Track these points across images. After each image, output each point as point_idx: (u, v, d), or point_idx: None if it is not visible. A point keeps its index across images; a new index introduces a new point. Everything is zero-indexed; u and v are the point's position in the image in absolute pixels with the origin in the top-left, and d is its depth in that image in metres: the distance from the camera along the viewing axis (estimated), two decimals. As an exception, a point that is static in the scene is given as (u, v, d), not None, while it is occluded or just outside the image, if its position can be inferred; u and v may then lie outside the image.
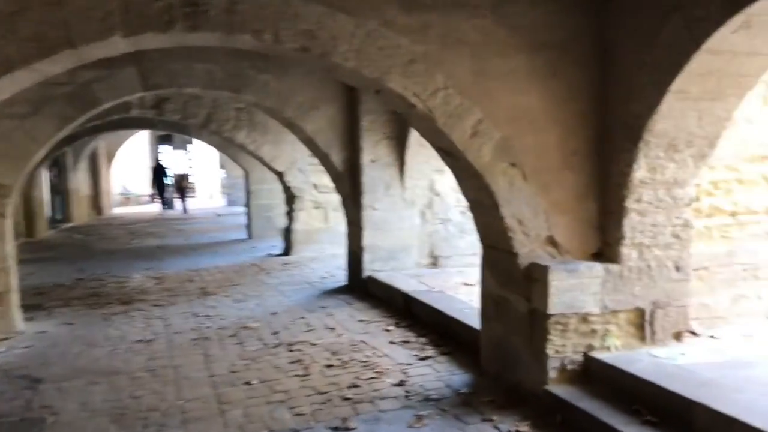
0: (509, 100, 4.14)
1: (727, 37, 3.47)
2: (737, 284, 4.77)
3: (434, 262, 8.14)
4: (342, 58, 3.95)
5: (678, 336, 4.38)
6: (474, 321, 5.23)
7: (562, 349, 4.18)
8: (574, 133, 4.24)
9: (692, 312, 4.48)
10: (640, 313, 4.31)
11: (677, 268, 4.36)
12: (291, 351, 5.77)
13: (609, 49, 4.20)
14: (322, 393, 4.70)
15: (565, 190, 4.28)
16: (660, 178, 4.16)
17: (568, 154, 4.26)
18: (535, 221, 4.26)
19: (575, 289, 4.16)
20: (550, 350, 4.17)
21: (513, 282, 4.42)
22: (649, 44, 3.87)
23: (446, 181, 7.98)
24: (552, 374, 4.18)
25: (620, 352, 4.22)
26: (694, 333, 4.51)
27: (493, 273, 4.66)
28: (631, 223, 4.21)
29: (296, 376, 5.11)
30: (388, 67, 3.99)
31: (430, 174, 8.02)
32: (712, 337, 4.53)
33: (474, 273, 7.26)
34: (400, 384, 4.78)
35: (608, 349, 4.23)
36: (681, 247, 4.36)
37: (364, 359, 5.39)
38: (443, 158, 4.58)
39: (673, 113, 3.91)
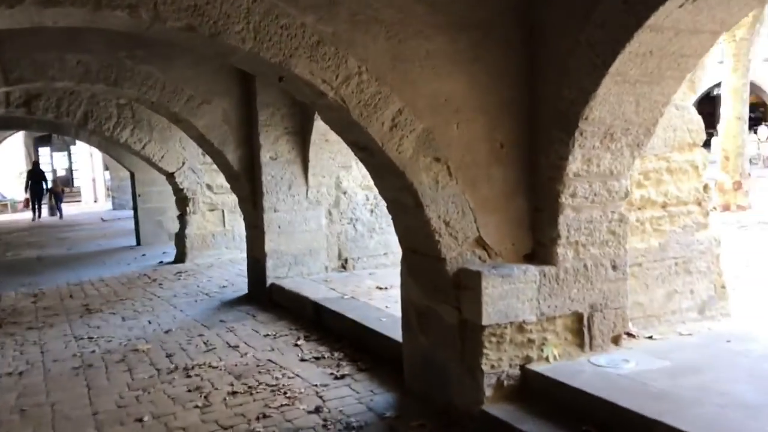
0: (432, 87, 3.65)
1: (672, 12, 3.13)
2: (670, 280, 4.51)
3: (344, 264, 7.60)
4: (237, 39, 3.34)
5: (616, 340, 4.06)
6: (394, 332, 4.75)
7: (498, 363, 3.75)
8: (502, 123, 3.82)
9: (629, 312, 4.17)
10: (578, 317, 3.95)
11: (614, 267, 4.03)
12: (188, 377, 5.08)
13: (538, 29, 3.79)
14: (227, 428, 4.08)
15: (494, 186, 3.85)
16: (595, 170, 3.81)
17: (497, 147, 3.83)
18: (463, 222, 3.81)
19: (510, 295, 3.74)
20: (484, 365, 3.73)
21: (440, 290, 3.96)
22: (583, 22, 3.47)
23: (354, 177, 7.47)
24: (488, 392, 3.74)
25: (559, 362, 3.84)
26: (631, 335, 4.21)
27: (417, 281, 4.18)
28: (566, 220, 3.84)
29: (196, 407, 4.45)
30: (293, 49, 3.42)
31: (336, 171, 7.48)
32: (650, 338, 4.25)
33: (387, 275, 6.82)
34: (317, 411, 4.22)
35: (547, 359, 3.84)
36: (617, 243, 4.03)
37: (273, 382, 4.79)
38: (358, 154, 4.05)
39: (610, 98, 3.55)
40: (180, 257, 10.56)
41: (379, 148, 3.65)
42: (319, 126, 6.88)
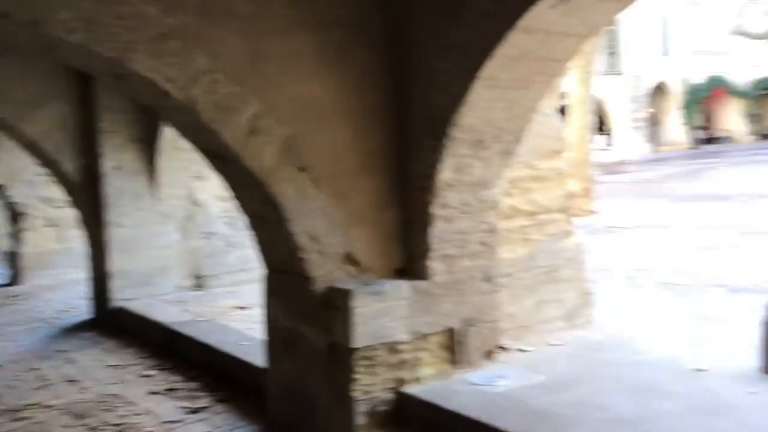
0: (295, 90, 3.33)
1: (544, 12, 3.01)
2: (539, 289, 4.46)
3: (199, 283, 7.05)
4: (64, 29, 2.84)
5: (490, 355, 3.91)
6: (256, 357, 4.35)
7: (371, 388, 3.47)
8: (371, 129, 3.56)
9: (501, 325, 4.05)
10: (451, 333, 3.76)
11: (486, 279, 3.89)
12: (17, 420, 4.40)
13: (406, 29, 3.57)
14: (62, 481, 3.52)
15: (363, 197, 3.58)
16: (467, 178, 3.64)
17: (366, 155, 3.57)
18: (331, 236, 3.51)
19: (382, 314, 3.48)
20: (356, 391, 3.44)
21: (307, 312, 3.63)
22: (453, 23, 3.31)
23: (209, 188, 6.96)
24: (360, 420, 3.45)
25: (434, 382, 3.63)
26: (503, 348, 4.09)
27: (282, 302, 3.82)
28: (437, 232, 3.64)
29: (24, 458, 3.84)
30: (132, 43, 2.97)
31: (188, 182, 6.93)
32: (521, 350, 4.15)
33: (248, 292, 6.37)
34: (170, 452, 3.75)
35: (420, 381, 3.61)
36: (488, 255, 3.89)
37: (118, 421, 4.24)
38: (213, 164, 3.64)
39: (482, 104, 3.40)
40: (14, 279, 9.51)
41: (236, 156, 3.27)
42: (169, 132, 6.33)
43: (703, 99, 35.75)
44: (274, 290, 3.89)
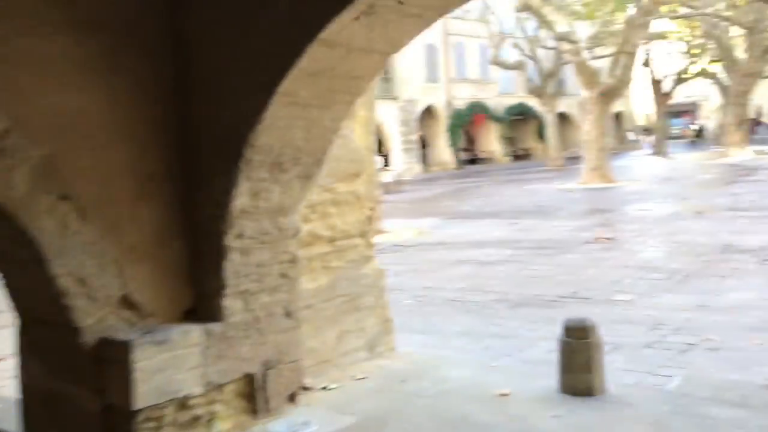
0: (53, 102, 2.73)
1: (346, 25, 2.76)
2: (341, 319, 4.20)
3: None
4: None
5: (293, 397, 3.55)
6: (9, 423, 3.58)
7: (158, 454, 2.95)
8: (152, 150, 3.06)
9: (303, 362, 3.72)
10: (250, 380, 3.35)
11: (287, 314, 3.53)
12: None
13: (190, 37, 3.13)
14: None
15: (142, 229, 3.06)
16: (264, 205, 3.27)
17: (144, 179, 3.05)
18: (103, 277, 2.94)
19: (169, 366, 2.98)
20: (141, 460, 2.90)
21: (75, 369, 3.01)
22: (246, 31, 2.95)
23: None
24: (145, 494, 2.92)
25: (232, 437, 3.20)
26: (306, 389, 3.76)
27: (42, 358, 3.15)
28: (232, 265, 3.22)
29: None
30: None
31: None
32: (325, 388, 3.86)
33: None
34: None
35: (216, 437, 3.16)
36: (289, 288, 3.54)
37: None
38: (-59, 192, 2.89)
39: (279, 123, 3.06)
40: None
41: (-27, 183, 2.60)
42: None
43: (466, 123, 38.64)
44: (31, 344, 3.19)
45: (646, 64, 31.07)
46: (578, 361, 3.59)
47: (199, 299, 3.26)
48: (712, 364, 4.34)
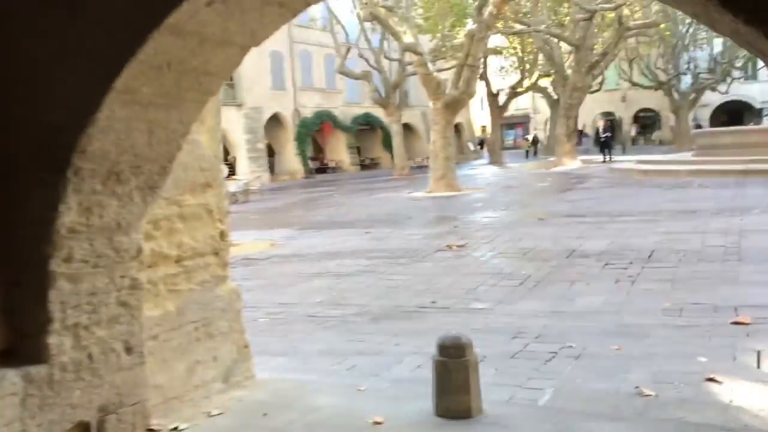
0: None
1: (199, 10, 2.36)
2: (191, 349, 3.72)
3: None
4: None
5: (139, 445, 3.06)
6: None
7: None
8: (-51, 155, 2.47)
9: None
10: (85, 429, 2.82)
11: (128, 350, 3.03)
12: None
13: (5, 20, 2.57)
14: None
15: (-62, 255, 2.46)
16: (98, 222, 2.77)
17: (-60, 193, 2.46)
18: None
19: (-23, 424, 2.41)
20: None
21: None
22: (73, 13, 2.45)
23: None
24: None
25: (63, 502, 2.66)
26: (153, 431, 3.26)
27: None
28: (60, 295, 2.69)
29: None
30: None
31: None
32: (176, 429, 3.37)
33: None
34: None
35: (42, 504, 2.61)
36: (130, 318, 3.04)
37: None
38: None
39: (116, 125, 2.59)
40: None
41: None
42: None
43: (314, 131, 38.45)
44: None
45: (482, 77, 32.47)
46: (454, 382, 3.37)
47: (18, 338, 2.70)
48: (578, 373, 4.31)
